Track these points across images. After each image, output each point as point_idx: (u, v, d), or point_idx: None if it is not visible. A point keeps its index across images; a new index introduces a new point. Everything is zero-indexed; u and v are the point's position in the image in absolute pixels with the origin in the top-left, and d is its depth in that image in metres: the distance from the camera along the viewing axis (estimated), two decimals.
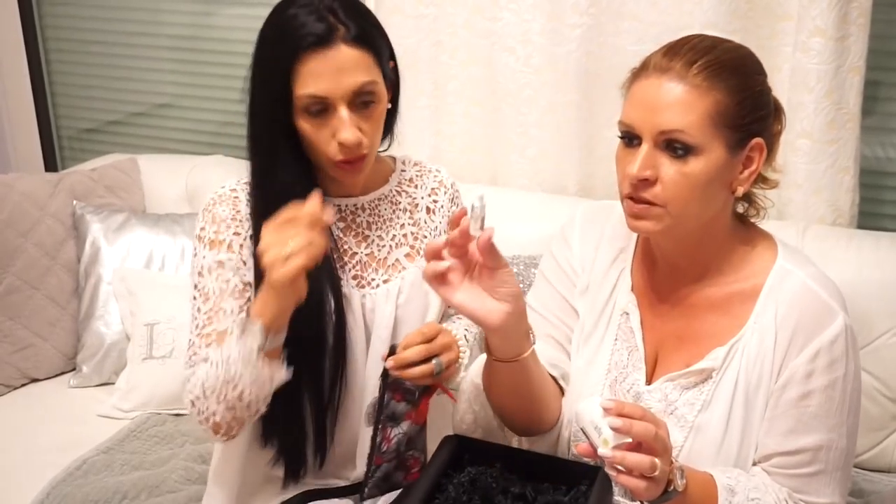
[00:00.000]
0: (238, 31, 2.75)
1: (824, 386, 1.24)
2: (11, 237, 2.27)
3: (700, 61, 1.20)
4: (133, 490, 1.83)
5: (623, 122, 1.25)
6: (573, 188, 2.28)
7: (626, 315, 1.38)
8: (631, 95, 1.25)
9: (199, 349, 1.37)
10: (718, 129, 1.19)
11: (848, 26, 1.89)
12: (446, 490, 1.29)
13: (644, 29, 2.08)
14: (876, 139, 2.17)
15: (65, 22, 3.00)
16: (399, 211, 1.51)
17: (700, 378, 1.30)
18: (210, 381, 1.28)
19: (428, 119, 2.37)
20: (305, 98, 1.30)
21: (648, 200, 1.23)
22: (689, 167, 1.20)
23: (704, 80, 1.19)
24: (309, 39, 1.27)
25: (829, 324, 1.24)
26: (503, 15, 2.20)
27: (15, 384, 2.28)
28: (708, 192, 1.23)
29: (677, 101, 1.19)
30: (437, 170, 1.59)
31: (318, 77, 1.28)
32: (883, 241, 1.91)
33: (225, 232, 1.40)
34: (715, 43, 1.24)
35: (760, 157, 1.25)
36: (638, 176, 1.21)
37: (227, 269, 1.39)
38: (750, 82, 1.23)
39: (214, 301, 1.38)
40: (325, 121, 1.32)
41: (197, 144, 2.91)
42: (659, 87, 1.20)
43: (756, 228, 1.36)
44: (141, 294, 2.25)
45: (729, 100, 1.20)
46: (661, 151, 1.21)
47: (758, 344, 1.28)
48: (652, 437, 1.10)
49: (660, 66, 1.21)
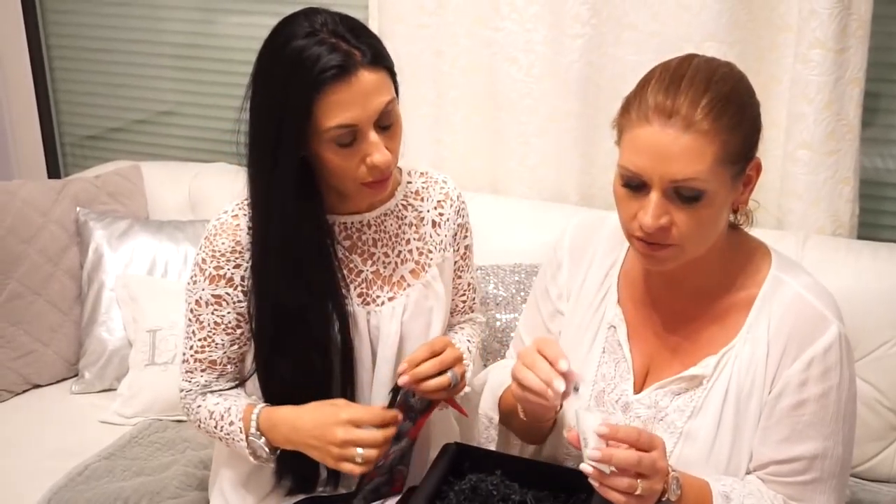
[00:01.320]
0: (240, 38, 2.76)
1: (818, 395, 1.24)
2: (14, 243, 2.28)
3: (703, 101, 1.16)
4: (134, 496, 1.83)
5: (628, 168, 1.20)
6: (574, 197, 2.29)
7: (614, 329, 1.39)
8: (633, 141, 1.20)
9: (194, 373, 1.48)
10: (725, 167, 1.18)
11: (847, 38, 1.90)
12: (447, 497, 1.30)
13: (644, 40, 2.09)
14: (875, 150, 2.17)
15: (68, 30, 3.01)
16: (405, 226, 1.50)
17: (691, 385, 1.31)
18: (209, 428, 1.45)
19: (429, 127, 2.37)
20: (335, 130, 1.26)
21: (663, 243, 1.22)
22: (701, 210, 1.19)
23: (711, 123, 1.16)
24: (331, 72, 1.23)
25: (822, 333, 1.25)
26: (505, 25, 2.21)
27: (17, 390, 2.29)
28: (718, 223, 1.24)
29: (687, 150, 1.16)
30: (443, 180, 1.56)
31: (346, 106, 1.25)
32: (882, 252, 1.92)
33: (226, 266, 1.40)
34: (709, 73, 1.20)
35: (757, 172, 1.26)
36: (654, 226, 1.19)
37: (223, 306, 1.42)
38: (749, 112, 1.21)
39: (208, 332, 1.44)
40: (354, 148, 1.29)
41: (200, 151, 2.91)
42: (665, 136, 1.16)
43: (749, 237, 1.37)
44: (143, 300, 2.26)
45: (735, 138, 1.18)
46: (671, 198, 1.19)
47: (750, 353, 1.29)
48: (634, 464, 1.13)
49: (663, 108, 1.17)
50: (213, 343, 1.43)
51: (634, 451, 1.14)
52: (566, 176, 2.28)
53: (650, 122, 1.18)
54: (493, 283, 2.05)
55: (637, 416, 1.33)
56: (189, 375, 1.48)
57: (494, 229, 2.17)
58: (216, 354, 1.44)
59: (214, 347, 1.44)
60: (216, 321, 1.42)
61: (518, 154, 2.30)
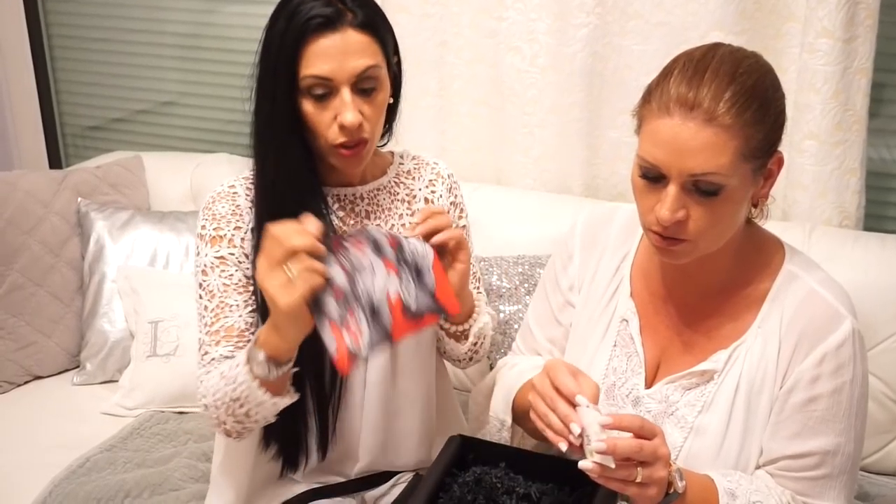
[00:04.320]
0: (242, 28, 2.75)
1: (831, 390, 1.23)
2: (15, 234, 2.27)
3: (727, 94, 1.14)
4: (136, 488, 1.83)
5: (647, 160, 1.18)
6: (578, 188, 2.28)
7: (626, 322, 1.38)
8: (653, 133, 1.18)
9: (210, 348, 1.38)
10: (747, 162, 1.16)
11: (855, 28, 1.88)
12: (451, 489, 1.29)
13: (650, 29, 2.08)
14: (882, 141, 2.16)
15: (69, 20, 3.00)
16: (397, 202, 1.51)
17: (702, 380, 1.30)
18: (219, 395, 1.31)
19: (433, 118, 2.36)
20: (310, 78, 1.30)
21: (678, 237, 1.20)
22: (719, 204, 1.17)
23: (734, 118, 1.13)
24: (317, 21, 1.29)
25: (835, 328, 1.23)
26: (509, 14, 2.19)
27: (18, 381, 2.28)
28: (736, 218, 1.22)
29: (708, 144, 1.13)
30: (434, 162, 1.59)
31: (324, 58, 1.29)
32: (889, 243, 1.90)
33: (225, 228, 1.40)
34: (734, 65, 1.17)
35: (779, 167, 1.24)
36: (671, 220, 1.17)
37: (229, 265, 1.40)
38: (773, 107, 1.18)
39: (220, 298, 1.39)
40: (327, 103, 1.32)
41: (201, 142, 2.91)
42: (686, 129, 1.14)
43: (763, 231, 1.35)
44: (145, 292, 2.25)
45: (758, 133, 1.16)
46: (689, 192, 1.17)
47: (761, 348, 1.28)
48: (636, 451, 1.11)
49: (685, 101, 1.14)
50: (227, 306, 1.39)
51: (636, 439, 1.13)
52: (570, 167, 2.26)
53: (671, 114, 1.15)
54: (497, 275, 2.05)
55: (648, 411, 1.32)
56: (204, 359, 1.38)
57: (498, 221, 2.16)
58: (232, 319, 1.38)
59: (229, 311, 1.38)
60: (225, 283, 1.39)
61: (522, 145, 2.29)
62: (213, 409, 1.33)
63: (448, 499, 1.28)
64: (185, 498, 1.80)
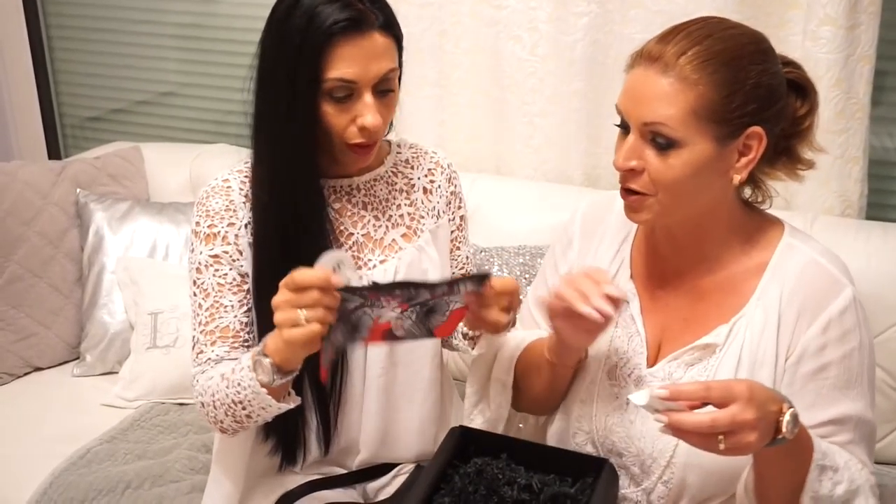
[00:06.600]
0: (242, 18, 2.74)
1: (840, 357, 1.23)
2: (14, 226, 2.27)
3: (690, 52, 1.17)
4: (137, 479, 1.83)
5: (617, 107, 1.24)
6: (578, 178, 2.27)
7: (627, 303, 1.37)
8: (625, 82, 1.24)
9: (205, 347, 1.39)
10: (703, 123, 1.17)
11: (858, 15, 1.87)
12: (452, 481, 1.29)
13: (651, 17, 2.07)
14: (885, 129, 2.15)
15: (68, 10, 2.99)
16: (395, 192, 1.51)
17: (704, 354, 1.29)
18: (219, 396, 1.31)
19: (433, 108, 2.35)
20: (334, 81, 1.29)
21: (639, 191, 1.23)
22: (672, 159, 1.19)
23: (692, 72, 1.16)
24: (344, 24, 1.27)
25: (836, 295, 1.24)
26: (509, 3, 2.18)
27: (18, 373, 2.28)
28: (698, 181, 1.21)
29: (661, 93, 1.17)
30: (433, 152, 1.57)
31: (351, 61, 1.28)
32: (891, 232, 1.90)
33: (219, 224, 1.40)
34: (713, 30, 1.20)
35: (759, 145, 1.22)
36: (622, 166, 1.22)
37: (223, 264, 1.39)
38: (742, 75, 1.18)
39: (214, 297, 1.39)
40: (347, 105, 1.32)
41: (201, 133, 2.90)
42: (645, 77, 1.19)
43: (763, 213, 1.35)
44: (144, 283, 2.24)
45: (714, 94, 1.16)
46: (647, 142, 1.20)
47: (762, 319, 1.27)
48: (707, 427, 1.04)
49: (651, 54, 1.19)
50: (222, 307, 1.39)
51: (705, 413, 1.05)
52: (571, 156, 2.26)
53: (637, 65, 1.22)
54: (498, 265, 2.04)
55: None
56: (199, 357, 1.39)
57: (498, 211, 2.16)
58: (227, 319, 1.39)
59: (224, 311, 1.39)
60: (219, 282, 1.39)
61: (522, 135, 2.28)
62: (211, 408, 1.34)
63: (449, 490, 1.27)
64: (186, 489, 1.80)
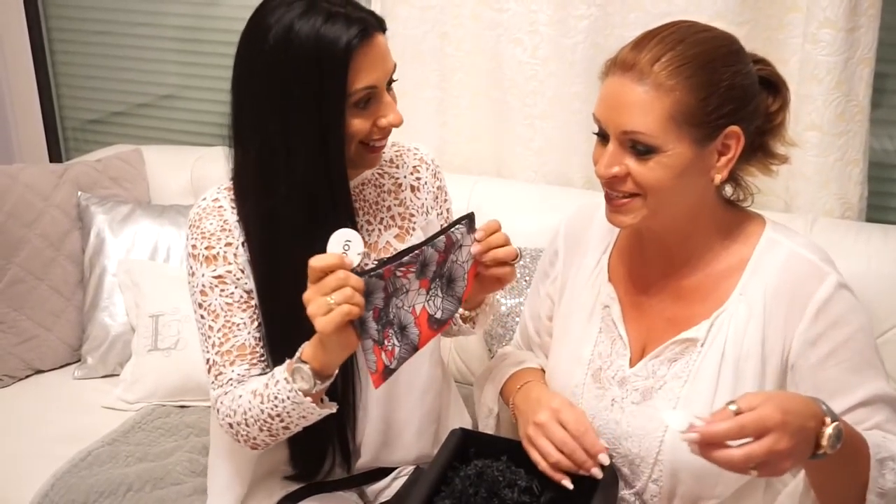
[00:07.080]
0: (242, 21, 2.71)
1: (844, 340, 1.23)
2: (16, 228, 2.27)
3: (664, 58, 1.18)
4: (138, 482, 1.83)
5: (594, 116, 1.25)
6: (579, 180, 2.27)
7: (608, 308, 1.39)
8: (601, 90, 1.25)
9: (224, 368, 1.37)
10: (681, 128, 1.18)
11: (858, 17, 1.87)
12: (452, 483, 1.29)
13: (652, 20, 2.04)
14: (885, 132, 2.15)
15: (69, 13, 2.99)
16: (384, 193, 1.51)
17: (685, 349, 1.30)
18: (254, 412, 1.30)
19: (434, 110, 2.35)
20: (361, 91, 1.29)
21: (625, 192, 1.24)
22: (652, 165, 1.20)
23: (667, 78, 1.17)
24: (357, 39, 1.27)
25: (820, 283, 1.24)
26: (510, 6, 2.18)
27: (20, 375, 2.28)
28: (680, 183, 1.22)
29: (637, 101, 1.18)
30: (415, 147, 1.58)
31: (370, 68, 1.29)
32: (891, 234, 1.89)
33: (217, 245, 1.39)
34: (685, 35, 1.21)
35: (738, 144, 1.23)
36: (605, 174, 1.23)
37: (228, 283, 1.39)
38: (716, 77, 1.19)
39: (225, 317, 1.38)
40: (370, 109, 1.33)
41: (202, 136, 2.90)
42: (621, 86, 1.20)
43: (744, 210, 1.36)
44: (146, 285, 2.25)
45: (691, 98, 1.18)
46: (627, 149, 1.21)
47: (746, 313, 1.27)
48: (742, 462, 1.01)
49: (625, 61, 1.20)
50: (234, 325, 1.38)
51: (739, 448, 1.01)
52: (571, 159, 2.26)
53: (612, 73, 1.22)
54: None
55: (635, 389, 1.33)
56: (220, 379, 1.37)
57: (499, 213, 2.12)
58: (242, 337, 1.38)
59: (237, 330, 1.38)
60: (227, 301, 1.38)
61: (523, 137, 2.28)
62: (243, 426, 1.33)
63: (450, 492, 1.28)
64: (187, 491, 1.80)
